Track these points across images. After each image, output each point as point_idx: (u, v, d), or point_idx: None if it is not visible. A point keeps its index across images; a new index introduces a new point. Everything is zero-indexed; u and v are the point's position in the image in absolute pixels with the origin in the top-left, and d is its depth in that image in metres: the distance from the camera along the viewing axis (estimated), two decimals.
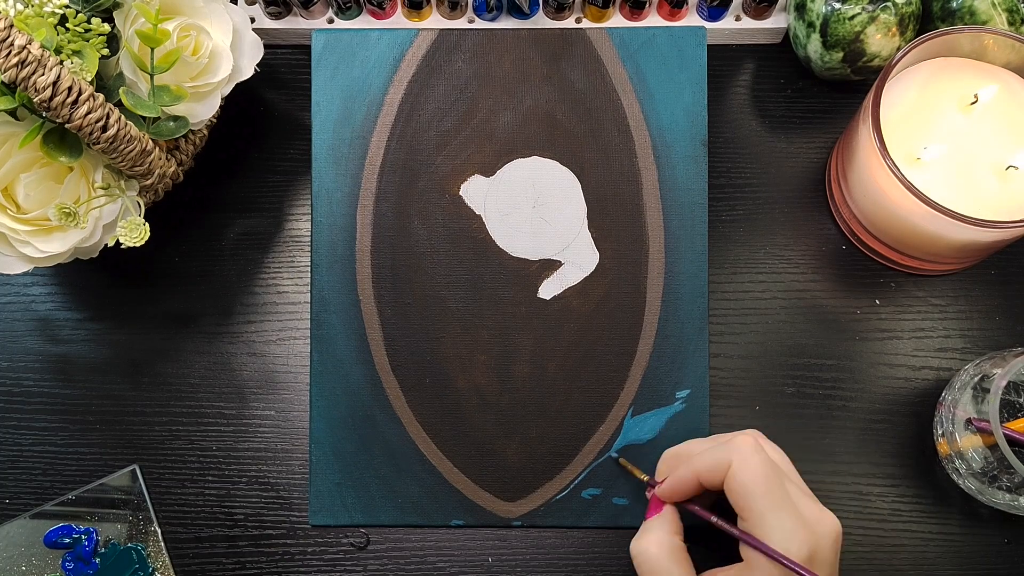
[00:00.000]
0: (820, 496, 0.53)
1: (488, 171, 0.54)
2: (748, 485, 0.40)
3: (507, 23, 0.59)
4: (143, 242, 0.48)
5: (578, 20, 0.59)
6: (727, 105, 0.59)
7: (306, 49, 0.58)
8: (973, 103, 0.51)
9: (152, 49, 0.47)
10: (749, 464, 0.40)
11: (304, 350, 0.56)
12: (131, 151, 0.47)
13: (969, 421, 0.48)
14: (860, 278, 0.56)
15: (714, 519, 0.43)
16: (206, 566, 0.53)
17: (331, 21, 0.60)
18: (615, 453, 0.52)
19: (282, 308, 0.57)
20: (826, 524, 0.41)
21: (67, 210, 0.46)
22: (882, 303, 0.56)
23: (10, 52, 0.41)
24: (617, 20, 0.59)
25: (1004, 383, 0.46)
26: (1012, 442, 0.46)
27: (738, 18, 0.59)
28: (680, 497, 0.44)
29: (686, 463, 0.43)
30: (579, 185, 0.54)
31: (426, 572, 0.53)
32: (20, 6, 0.46)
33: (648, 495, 0.47)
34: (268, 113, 0.60)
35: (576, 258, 0.54)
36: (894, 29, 0.53)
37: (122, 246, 0.49)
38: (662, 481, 0.46)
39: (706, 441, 0.45)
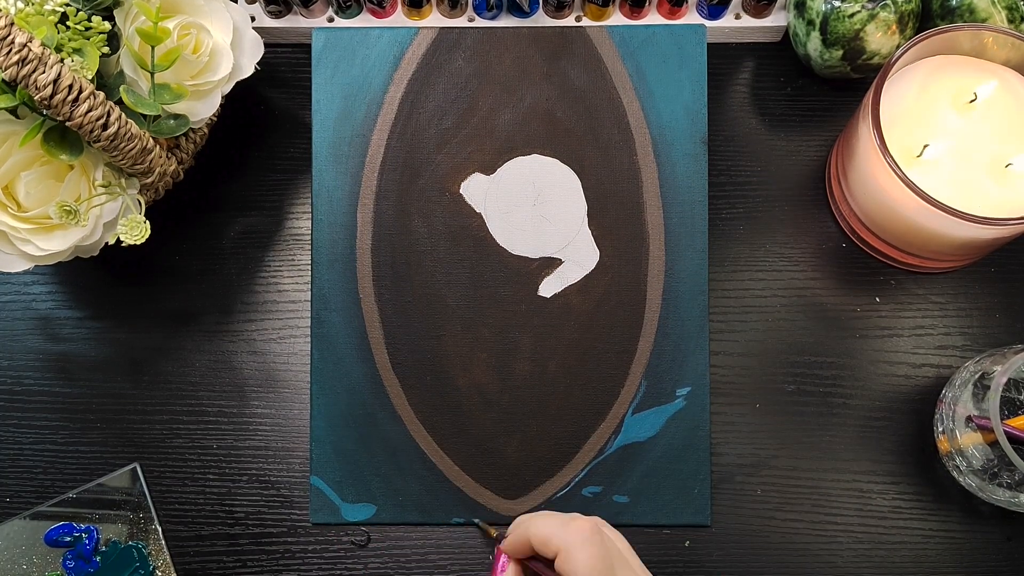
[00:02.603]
0: (820, 494, 0.53)
1: (488, 169, 0.54)
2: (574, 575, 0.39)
3: (507, 21, 0.59)
4: (144, 240, 0.48)
5: (578, 18, 0.59)
6: (727, 103, 0.59)
7: (306, 48, 0.58)
8: (972, 101, 0.51)
9: (152, 47, 0.47)
10: (577, 556, 0.38)
11: (304, 348, 0.56)
12: (132, 149, 0.47)
13: (969, 418, 0.48)
14: (860, 276, 0.56)
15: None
16: (207, 564, 0.53)
17: (331, 20, 0.60)
18: (476, 520, 0.52)
19: (282, 306, 0.57)
20: None
21: (68, 208, 0.46)
22: (882, 301, 0.56)
23: (11, 50, 0.41)
24: (617, 18, 0.59)
25: (1004, 380, 0.46)
26: (1012, 439, 0.46)
27: (738, 16, 0.59)
28: (521, 555, 0.43)
29: (524, 525, 0.42)
30: (579, 183, 0.54)
31: (427, 570, 0.53)
32: (21, 4, 0.46)
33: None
34: (268, 111, 0.60)
35: (576, 256, 0.54)
36: (894, 27, 0.53)
37: (123, 244, 0.49)
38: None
39: (559, 516, 0.43)
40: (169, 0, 0.50)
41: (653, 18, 0.59)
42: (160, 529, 0.53)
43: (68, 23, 0.46)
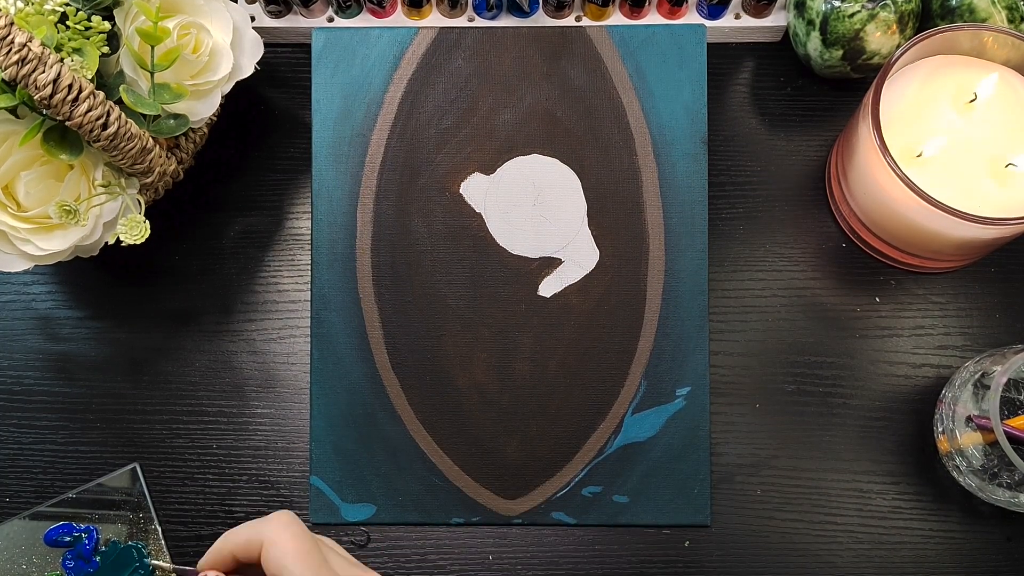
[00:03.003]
0: (820, 494, 0.53)
1: (488, 169, 0.54)
2: (282, 558, 0.38)
3: (507, 21, 0.59)
4: (143, 240, 0.48)
5: (578, 18, 0.59)
6: (727, 103, 0.59)
7: (306, 47, 0.58)
8: (972, 101, 0.51)
9: (152, 47, 0.47)
10: (282, 537, 0.38)
11: (304, 348, 0.56)
12: (131, 149, 0.47)
13: (969, 418, 0.48)
14: (860, 276, 0.56)
15: None
16: None
17: (331, 19, 0.60)
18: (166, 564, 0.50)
19: (282, 306, 0.57)
20: None
21: (68, 208, 0.46)
22: (882, 301, 0.56)
23: (10, 50, 0.41)
24: (617, 18, 0.59)
25: (1004, 380, 0.46)
26: (1012, 439, 0.46)
27: (738, 16, 0.59)
28: (223, 570, 0.41)
29: (221, 538, 0.41)
30: (579, 183, 0.54)
31: (427, 570, 0.53)
32: (21, 4, 0.46)
33: None
34: (268, 111, 0.60)
35: (576, 256, 0.54)
36: (894, 27, 0.53)
37: (122, 244, 0.49)
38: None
39: (249, 523, 0.42)
40: (169, 0, 0.50)
41: (653, 18, 0.59)
42: (160, 529, 0.53)
43: (68, 23, 0.46)
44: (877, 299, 0.56)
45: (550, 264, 0.54)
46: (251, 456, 0.54)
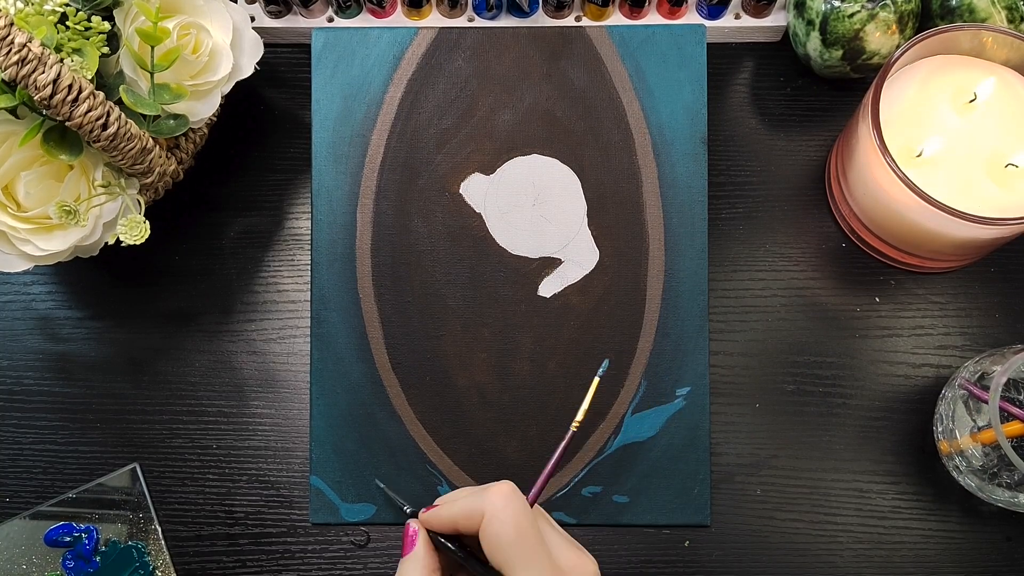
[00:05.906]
0: (820, 494, 0.53)
1: (488, 169, 0.54)
2: (500, 536, 0.38)
3: (507, 21, 0.59)
4: (143, 240, 0.48)
5: (578, 18, 0.59)
6: (727, 103, 0.59)
7: (306, 48, 0.58)
8: (972, 101, 0.51)
9: (152, 47, 0.47)
10: (500, 515, 0.38)
11: (304, 348, 0.56)
12: (131, 149, 0.47)
13: (968, 404, 0.48)
14: (860, 276, 0.56)
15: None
16: (206, 564, 0.53)
17: (331, 20, 0.60)
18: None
19: (282, 306, 0.57)
20: (582, 570, 0.40)
21: (67, 208, 0.46)
22: (882, 301, 0.56)
23: (10, 50, 0.41)
24: (617, 18, 0.59)
25: (1004, 380, 0.46)
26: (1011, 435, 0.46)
27: (738, 16, 0.59)
28: (440, 530, 0.42)
29: (442, 503, 0.41)
30: (579, 183, 0.54)
31: None
32: (20, 4, 0.46)
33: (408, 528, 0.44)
34: (268, 111, 0.60)
35: (576, 256, 0.54)
36: (893, 27, 0.53)
37: (122, 244, 0.49)
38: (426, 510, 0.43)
39: (471, 490, 0.42)
40: (169, 0, 0.50)
41: (653, 18, 0.59)
42: (160, 529, 0.53)
43: (68, 23, 0.46)
44: (877, 299, 0.56)
45: (550, 264, 0.54)
46: (251, 456, 0.54)
